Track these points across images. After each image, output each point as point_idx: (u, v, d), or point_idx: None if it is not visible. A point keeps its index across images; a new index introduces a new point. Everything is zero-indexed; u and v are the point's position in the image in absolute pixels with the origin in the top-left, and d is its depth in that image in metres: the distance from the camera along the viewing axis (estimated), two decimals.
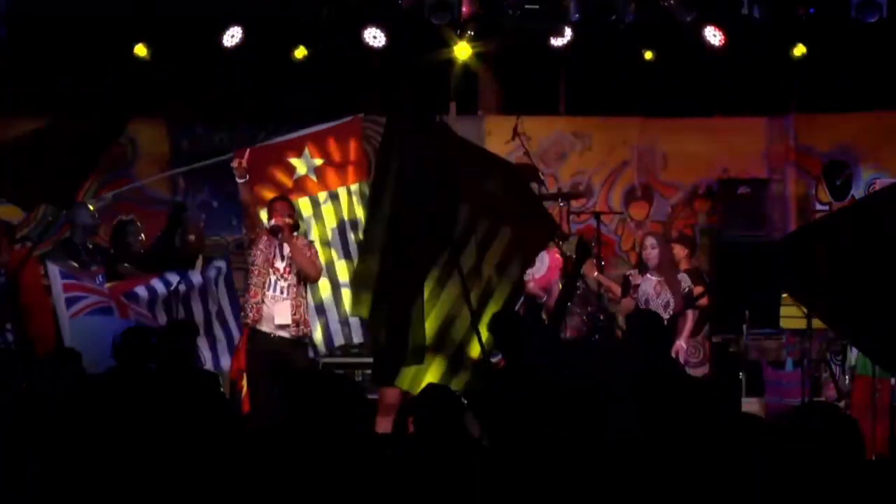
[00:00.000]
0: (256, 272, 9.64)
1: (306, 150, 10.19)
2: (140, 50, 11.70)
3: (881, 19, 11.46)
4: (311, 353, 10.05)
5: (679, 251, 10.74)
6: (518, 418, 5.20)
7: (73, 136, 8.76)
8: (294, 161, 10.18)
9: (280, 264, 9.62)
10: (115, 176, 12.70)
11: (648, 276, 9.83)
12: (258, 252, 9.68)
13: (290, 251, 9.59)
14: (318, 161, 10.19)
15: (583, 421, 4.99)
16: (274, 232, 9.62)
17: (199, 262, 10.49)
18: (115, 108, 8.88)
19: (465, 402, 9.89)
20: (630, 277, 9.95)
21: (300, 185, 10.19)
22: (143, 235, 11.13)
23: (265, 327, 9.52)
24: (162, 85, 12.11)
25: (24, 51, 11.55)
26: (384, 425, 9.18)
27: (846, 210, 7.96)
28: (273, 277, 9.61)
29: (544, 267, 9.70)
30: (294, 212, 9.87)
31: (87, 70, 11.87)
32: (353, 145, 10.29)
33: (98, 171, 12.67)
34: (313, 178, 10.19)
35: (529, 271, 9.58)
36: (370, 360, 10.52)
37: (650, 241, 9.97)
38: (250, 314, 9.55)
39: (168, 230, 11.28)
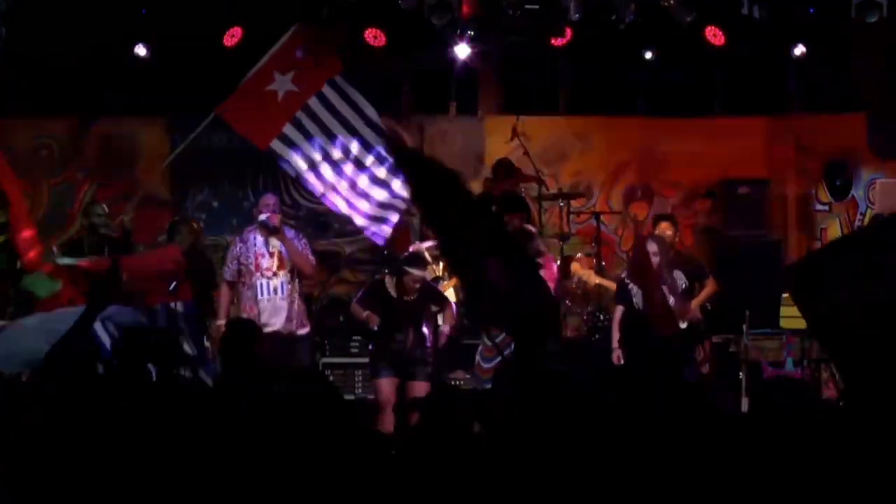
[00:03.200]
0: (245, 286, 9.54)
1: (275, 74, 10.18)
2: (140, 50, 11.70)
3: (881, 19, 11.45)
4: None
5: (665, 227, 10.50)
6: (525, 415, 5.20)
7: None
8: (271, 87, 10.17)
9: (267, 262, 9.52)
10: (115, 177, 12.71)
11: None
12: (234, 268, 9.59)
13: (286, 247, 9.50)
14: (291, 73, 10.16)
15: (585, 418, 4.99)
16: (266, 227, 9.52)
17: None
18: None
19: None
20: (625, 280, 9.68)
21: (288, 102, 10.18)
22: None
23: (267, 329, 9.38)
24: (162, 85, 12.13)
25: (24, 50, 11.55)
26: (386, 423, 9.13)
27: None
28: (262, 280, 9.51)
29: None
30: (279, 205, 9.80)
31: (87, 69, 11.93)
32: (313, 48, 10.38)
33: (98, 171, 12.73)
34: (295, 89, 10.16)
35: None
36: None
37: (652, 246, 9.68)
38: None
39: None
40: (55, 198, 12.59)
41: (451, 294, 10.28)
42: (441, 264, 10.56)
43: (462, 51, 12.02)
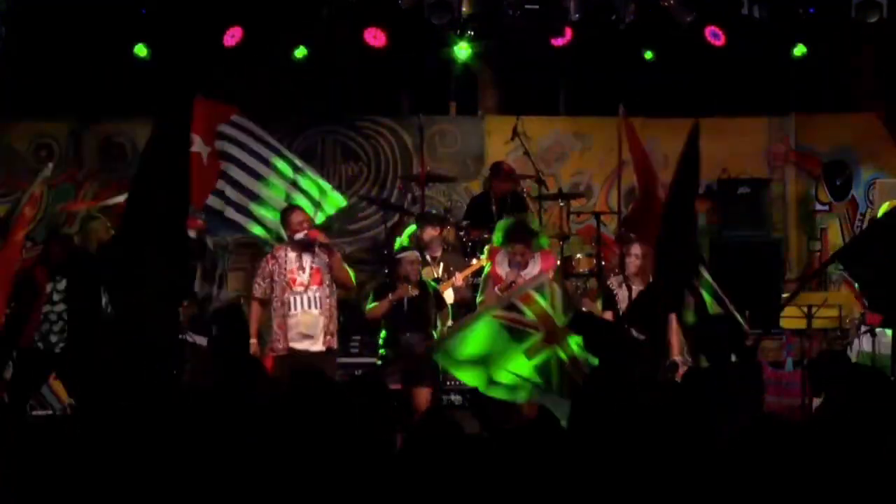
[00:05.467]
0: (277, 302, 9.22)
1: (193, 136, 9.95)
2: (140, 50, 11.70)
3: (881, 19, 11.47)
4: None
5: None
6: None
7: None
8: (194, 149, 9.73)
9: (301, 277, 9.30)
10: (114, 176, 12.70)
11: (627, 284, 9.24)
12: (265, 285, 9.29)
13: (331, 262, 9.24)
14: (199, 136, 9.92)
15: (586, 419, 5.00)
16: (305, 245, 9.25)
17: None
18: None
19: (463, 399, 9.92)
20: (610, 287, 9.39)
21: (212, 162, 10.03)
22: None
23: (296, 344, 9.17)
24: (162, 85, 12.12)
25: (24, 50, 11.56)
26: None
27: None
28: (295, 296, 9.22)
29: (537, 268, 9.42)
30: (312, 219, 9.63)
31: (87, 70, 11.93)
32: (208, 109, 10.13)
33: (97, 171, 12.73)
34: (210, 149, 10.08)
35: (523, 272, 9.34)
36: (369, 360, 10.53)
37: (636, 249, 9.31)
38: (279, 344, 9.18)
39: None
40: (55, 198, 12.58)
41: (449, 294, 10.27)
42: (441, 265, 10.55)
43: (462, 51, 12.03)
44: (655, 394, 5.39)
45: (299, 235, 9.26)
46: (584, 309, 10.12)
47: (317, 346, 9.20)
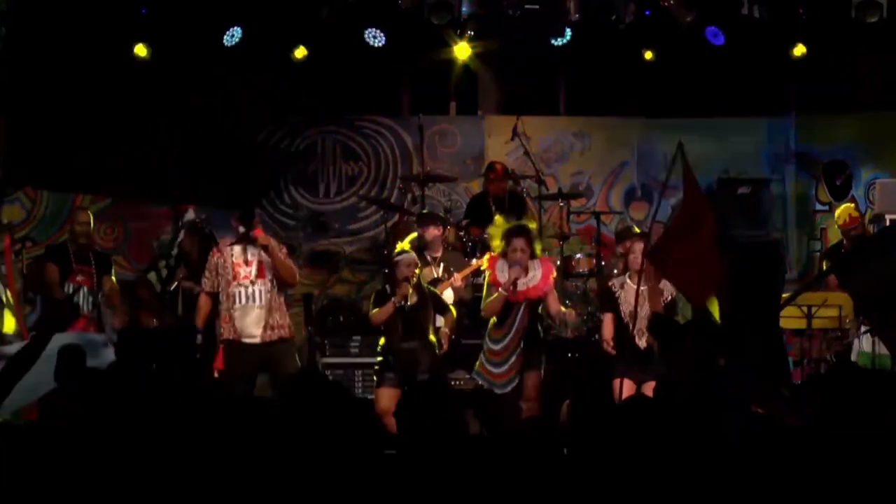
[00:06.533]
0: (223, 295, 9.30)
1: None
2: (140, 50, 11.70)
3: (881, 19, 11.47)
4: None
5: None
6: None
7: None
8: None
9: (245, 271, 9.28)
10: None
11: (630, 283, 9.07)
12: (212, 279, 9.39)
13: (270, 256, 9.26)
14: None
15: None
16: (250, 240, 9.28)
17: None
18: None
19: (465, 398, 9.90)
20: (612, 288, 9.28)
21: None
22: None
23: (240, 337, 9.24)
24: (162, 85, 12.12)
25: (24, 50, 11.55)
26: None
27: None
28: (240, 289, 9.26)
29: (538, 276, 9.29)
30: (260, 221, 9.62)
31: (87, 70, 11.93)
32: None
33: None
34: None
35: (523, 281, 9.23)
36: (369, 359, 10.54)
37: (639, 246, 9.04)
38: (226, 335, 9.27)
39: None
40: (54, 199, 12.58)
41: (449, 294, 10.25)
42: (441, 266, 10.54)
43: (462, 51, 12.03)
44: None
45: (242, 229, 9.31)
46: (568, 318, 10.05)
47: (256, 339, 9.20)
